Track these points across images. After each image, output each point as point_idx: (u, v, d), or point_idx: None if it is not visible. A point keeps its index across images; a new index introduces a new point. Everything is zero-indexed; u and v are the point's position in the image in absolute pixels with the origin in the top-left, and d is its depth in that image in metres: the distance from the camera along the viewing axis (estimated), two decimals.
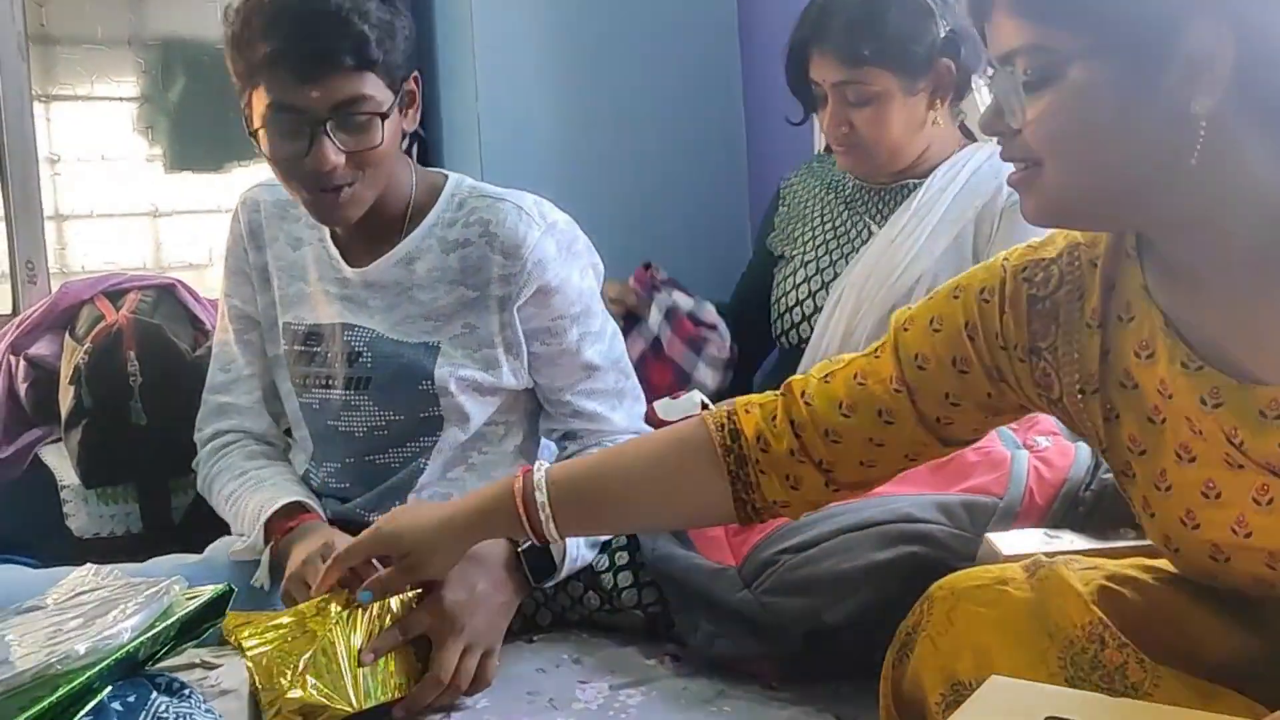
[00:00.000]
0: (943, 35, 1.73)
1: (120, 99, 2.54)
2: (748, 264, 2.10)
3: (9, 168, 2.35)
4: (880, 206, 1.85)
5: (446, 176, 1.60)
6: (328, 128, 1.41)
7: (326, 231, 1.60)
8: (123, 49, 2.52)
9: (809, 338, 1.83)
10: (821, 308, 1.84)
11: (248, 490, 1.56)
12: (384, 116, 1.44)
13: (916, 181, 1.82)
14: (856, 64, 1.70)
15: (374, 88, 1.42)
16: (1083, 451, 1.41)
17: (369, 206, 1.50)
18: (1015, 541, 1.23)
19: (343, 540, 1.38)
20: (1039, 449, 1.44)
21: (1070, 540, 1.22)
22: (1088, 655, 0.92)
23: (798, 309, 1.88)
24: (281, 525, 1.47)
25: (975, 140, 1.86)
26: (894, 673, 1.04)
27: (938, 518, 1.36)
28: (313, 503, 1.54)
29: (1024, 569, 1.01)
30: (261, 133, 1.44)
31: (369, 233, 1.56)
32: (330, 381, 1.58)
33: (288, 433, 1.70)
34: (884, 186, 1.85)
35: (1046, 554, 1.04)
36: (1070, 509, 1.35)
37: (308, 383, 1.61)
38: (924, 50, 1.72)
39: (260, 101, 1.43)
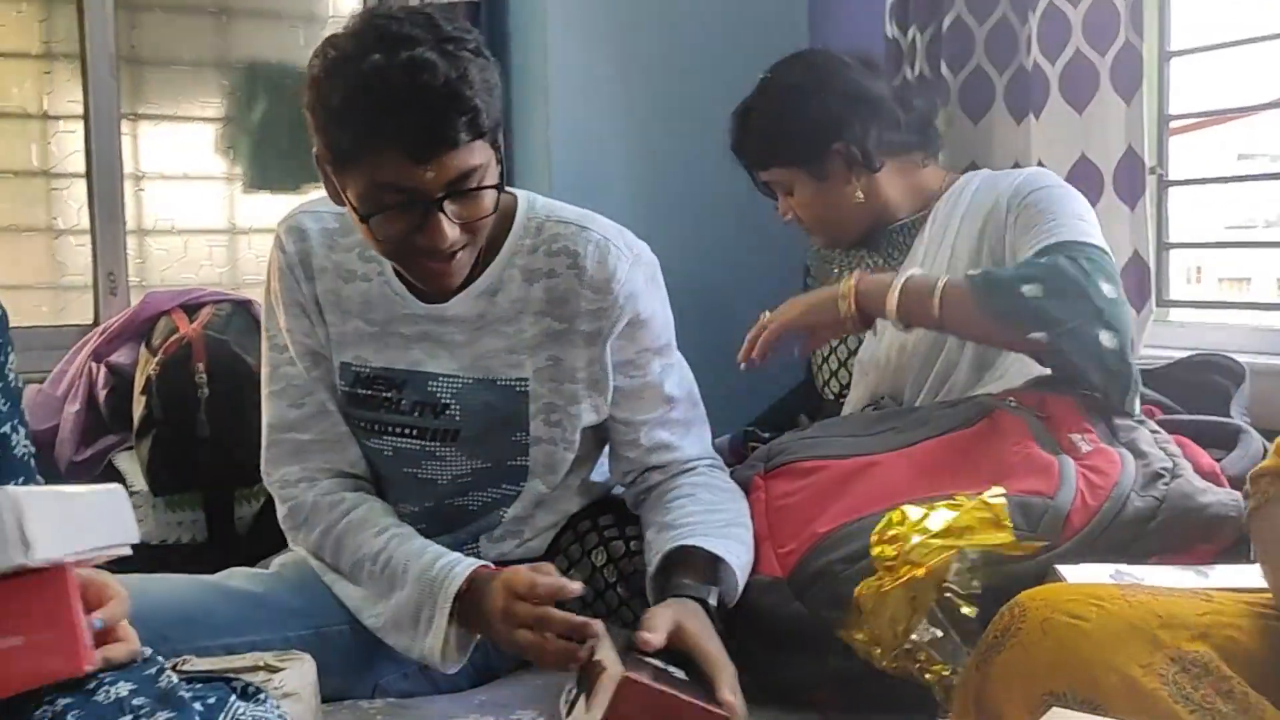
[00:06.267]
0: (825, 123, 1.78)
1: (204, 119, 2.62)
2: None
3: (96, 182, 2.42)
4: (889, 251, 1.89)
5: (515, 196, 1.52)
6: (443, 205, 1.33)
7: (388, 265, 1.48)
8: (208, 71, 2.59)
9: (848, 383, 1.88)
10: (856, 351, 1.87)
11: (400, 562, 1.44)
12: (497, 188, 1.37)
13: (915, 218, 1.87)
14: (756, 168, 1.88)
15: (482, 154, 1.33)
16: (1129, 460, 1.41)
17: None
18: (1084, 575, 1.21)
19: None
20: (1082, 454, 1.43)
21: (1140, 576, 1.20)
22: (1192, 674, 0.92)
23: (833, 357, 1.93)
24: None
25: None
26: (976, 675, 1.03)
27: None
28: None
29: (1119, 588, 1.00)
30: (360, 209, 1.34)
31: None
32: (407, 430, 1.51)
33: None
34: (888, 227, 1.89)
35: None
36: (1118, 513, 1.35)
37: (376, 428, 1.52)
38: (807, 142, 1.80)
39: (360, 180, 1.32)
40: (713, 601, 1.37)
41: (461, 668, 1.42)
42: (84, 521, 0.92)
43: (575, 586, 1.33)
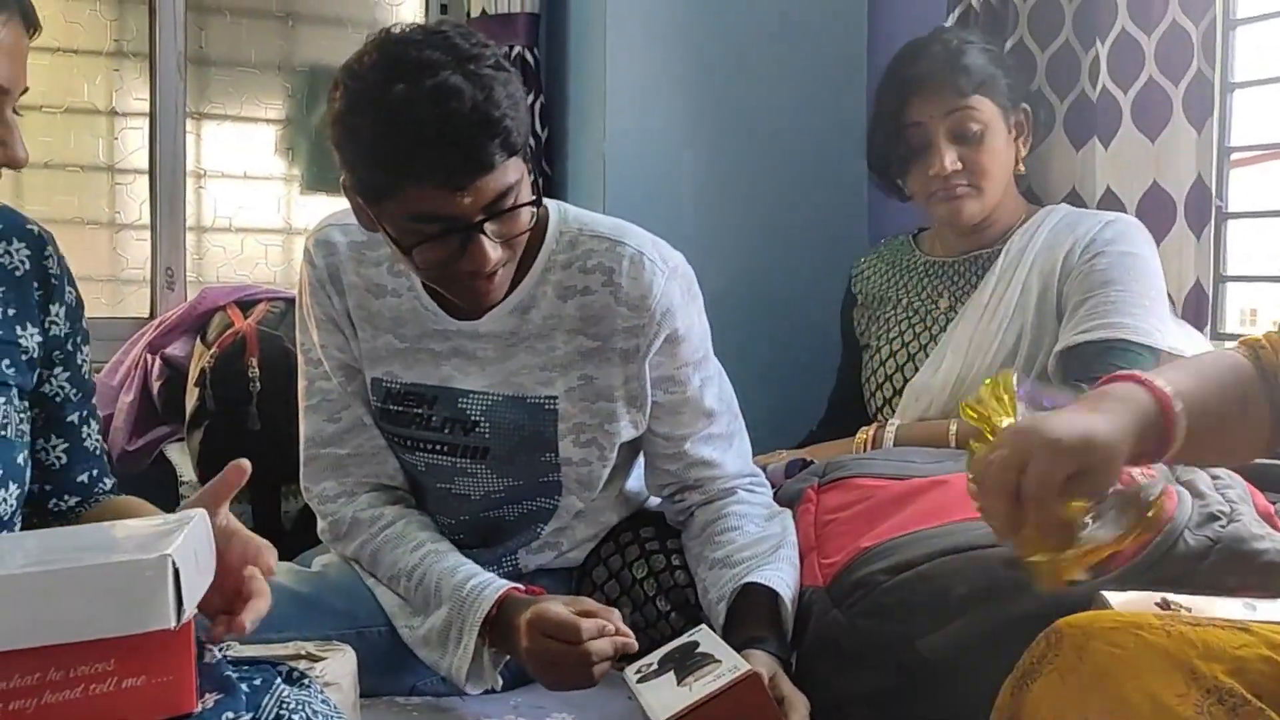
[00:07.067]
0: (1021, 83, 1.86)
1: (265, 120, 2.65)
2: (841, 354, 2.09)
3: (159, 179, 2.47)
4: (955, 280, 1.89)
5: (545, 207, 1.48)
6: (483, 227, 1.31)
7: (417, 280, 1.46)
8: (272, 73, 2.64)
9: (881, 406, 1.87)
10: (902, 372, 1.87)
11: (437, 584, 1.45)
12: (534, 203, 1.35)
13: (989, 252, 1.86)
14: (963, 92, 1.79)
15: (516, 171, 1.31)
16: (1186, 498, 1.39)
17: None
18: (1129, 601, 1.20)
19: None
20: None
21: (1188, 606, 1.18)
22: (1227, 706, 0.90)
23: (888, 385, 1.91)
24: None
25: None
26: (1011, 702, 1.02)
27: None
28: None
29: (1158, 618, 0.99)
30: (400, 242, 1.33)
31: None
32: (438, 447, 1.51)
33: None
34: (957, 260, 1.90)
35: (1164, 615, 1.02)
36: (1170, 548, 1.32)
37: (409, 444, 1.52)
38: (1010, 89, 1.83)
39: (396, 213, 1.31)
40: (792, 659, 1.38)
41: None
42: (203, 565, 0.94)
43: (631, 644, 1.33)
